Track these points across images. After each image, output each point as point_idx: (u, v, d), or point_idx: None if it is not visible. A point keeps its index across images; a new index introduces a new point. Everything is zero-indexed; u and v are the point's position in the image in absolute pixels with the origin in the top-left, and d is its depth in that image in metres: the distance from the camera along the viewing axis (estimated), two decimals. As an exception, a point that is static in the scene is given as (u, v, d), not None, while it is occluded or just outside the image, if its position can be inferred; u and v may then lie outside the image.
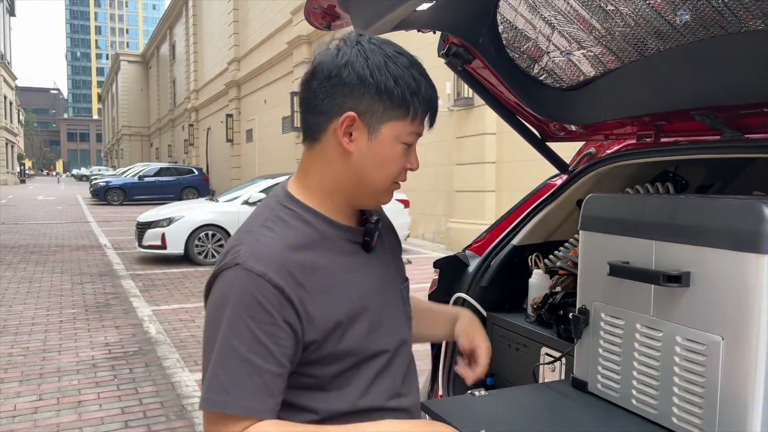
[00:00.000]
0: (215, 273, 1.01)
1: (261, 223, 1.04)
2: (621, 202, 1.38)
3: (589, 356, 1.35)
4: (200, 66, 32.36)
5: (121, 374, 4.55)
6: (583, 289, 1.38)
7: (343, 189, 1.07)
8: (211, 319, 0.99)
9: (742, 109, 1.60)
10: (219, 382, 0.95)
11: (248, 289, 0.96)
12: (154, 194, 23.51)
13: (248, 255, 0.98)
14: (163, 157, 45.02)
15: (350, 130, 1.02)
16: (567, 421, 1.28)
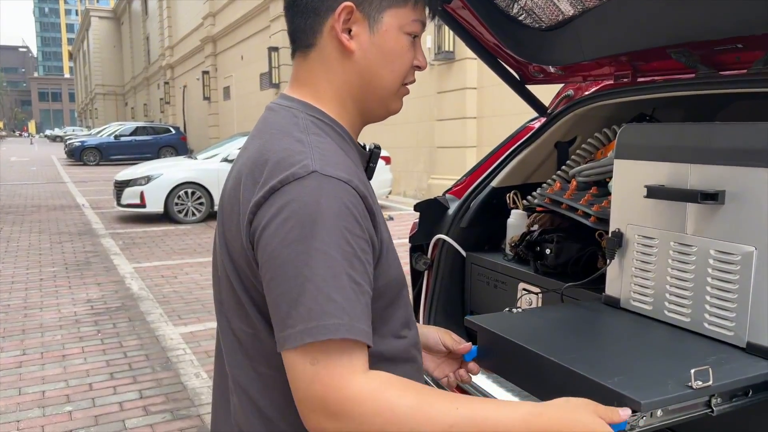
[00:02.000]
0: (273, 187, 0.82)
1: (303, 131, 0.89)
2: (656, 130, 1.47)
3: (622, 275, 1.44)
4: (174, 21, 31.46)
5: (105, 329, 4.57)
6: (617, 213, 1.47)
7: (353, 96, 0.94)
8: (296, 239, 0.79)
9: (716, 45, 1.62)
10: (332, 303, 0.77)
11: (338, 197, 0.81)
12: (131, 154, 23.12)
13: (321, 161, 0.83)
14: (138, 116, 44.12)
15: (349, 25, 0.90)
16: (604, 330, 1.38)
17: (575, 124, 2.13)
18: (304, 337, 0.76)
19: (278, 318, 0.80)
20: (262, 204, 0.82)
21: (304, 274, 0.78)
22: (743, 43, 1.57)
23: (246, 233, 0.85)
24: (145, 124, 27.47)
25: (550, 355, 1.11)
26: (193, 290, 5.64)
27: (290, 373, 0.79)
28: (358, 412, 0.76)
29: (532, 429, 0.80)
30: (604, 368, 1.04)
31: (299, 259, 0.78)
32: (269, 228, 0.81)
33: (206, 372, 3.70)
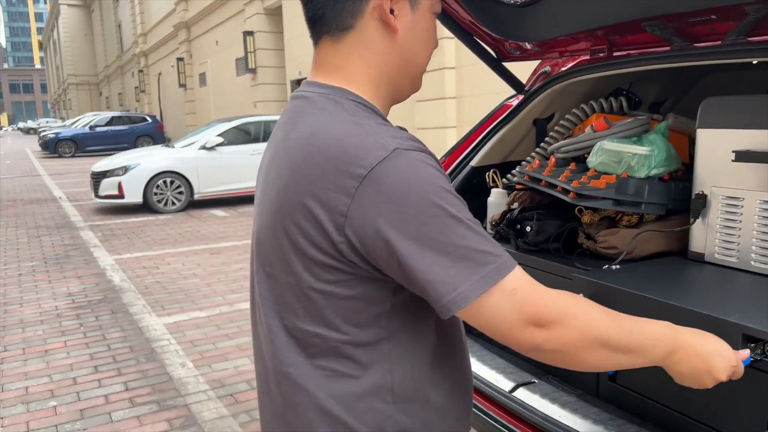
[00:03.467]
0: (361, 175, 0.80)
1: (355, 116, 0.87)
2: (738, 101, 1.57)
3: (707, 232, 1.56)
4: (146, 8, 30.84)
5: (87, 322, 4.52)
6: (701, 177, 1.58)
7: (390, 78, 0.94)
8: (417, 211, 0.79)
9: (690, 17, 1.62)
10: (490, 243, 0.82)
11: (428, 163, 0.82)
12: (108, 144, 22.77)
13: (395, 139, 0.83)
14: (113, 105, 43.39)
15: (392, 5, 0.90)
16: (698, 280, 1.50)
17: (553, 100, 2.12)
18: (489, 282, 0.80)
19: (435, 287, 0.80)
20: (354, 194, 0.80)
21: (444, 240, 0.80)
22: (717, 14, 1.57)
23: (339, 228, 0.82)
24: (121, 113, 27.00)
25: (668, 299, 1.27)
26: (175, 280, 5.60)
27: (490, 315, 0.82)
28: (566, 315, 0.84)
29: (678, 337, 0.93)
30: (719, 308, 1.19)
31: (432, 230, 0.79)
32: (382, 217, 0.79)
33: (191, 361, 3.69)
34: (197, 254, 6.62)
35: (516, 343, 0.84)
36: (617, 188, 1.58)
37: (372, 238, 0.80)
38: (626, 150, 1.60)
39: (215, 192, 9.79)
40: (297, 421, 0.92)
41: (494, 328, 0.83)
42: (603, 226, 1.66)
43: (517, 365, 1.76)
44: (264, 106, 17.11)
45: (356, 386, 0.87)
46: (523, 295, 0.82)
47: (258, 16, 17.01)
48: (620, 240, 1.59)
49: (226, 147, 9.77)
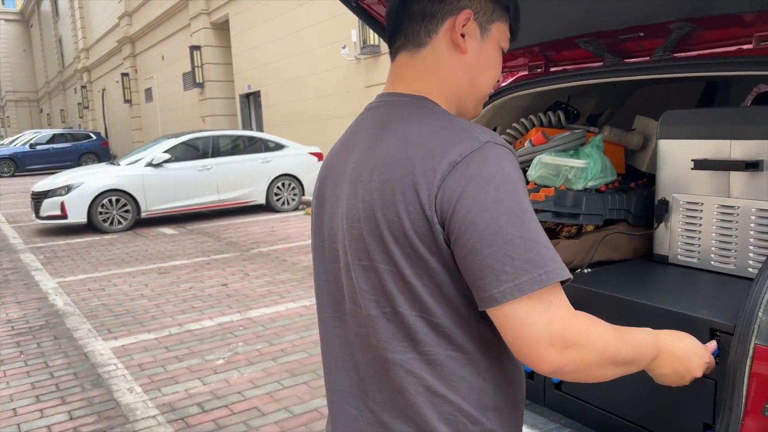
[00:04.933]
0: (454, 161, 0.87)
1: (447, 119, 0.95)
2: (695, 114, 1.71)
3: (669, 235, 1.67)
4: (88, 22, 30.07)
5: (28, 350, 4.33)
6: (663, 184, 1.69)
7: (458, 95, 1.02)
8: (499, 201, 0.85)
9: (620, 34, 1.68)
10: (549, 250, 0.86)
11: (513, 162, 0.90)
12: (50, 163, 22.01)
13: (487, 135, 0.90)
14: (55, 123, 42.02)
15: (464, 30, 0.99)
16: (663, 280, 1.60)
17: (495, 114, 2.17)
18: (533, 285, 0.83)
19: (491, 275, 0.84)
20: (446, 177, 0.87)
21: (514, 231, 0.84)
22: (644, 32, 1.64)
23: (432, 207, 0.88)
24: (63, 130, 26.16)
25: (642, 299, 1.37)
26: (122, 302, 5.44)
27: (521, 319, 0.85)
28: (588, 338, 0.87)
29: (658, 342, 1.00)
30: (687, 305, 1.30)
31: (503, 220, 0.84)
32: (464, 198, 0.86)
33: (140, 386, 3.58)
34: (145, 274, 6.45)
35: (536, 360, 0.86)
36: (556, 200, 1.62)
37: (450, 215, 0.87)
38: (563, 163, 1.65)
39: (163, 209, 9.58)
40: (406, 405, 0.96)
41: (520, 337, 0.86)
42: (544, 237, 1.70)
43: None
44: (213, 120, 16.89)
45: (458, 367, 0.94)
46: (557, 312, 0.85)
47: (205, 30, 16.82)
48: (561, 251, 1.63)
49: (173, 163, 9.59)
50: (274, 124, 14.38)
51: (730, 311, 1.21)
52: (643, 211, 1.74)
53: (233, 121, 16.90)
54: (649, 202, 1.72)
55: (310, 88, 12.85)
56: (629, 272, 1.64)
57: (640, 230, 1.72)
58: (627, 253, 1.72)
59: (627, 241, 1.71)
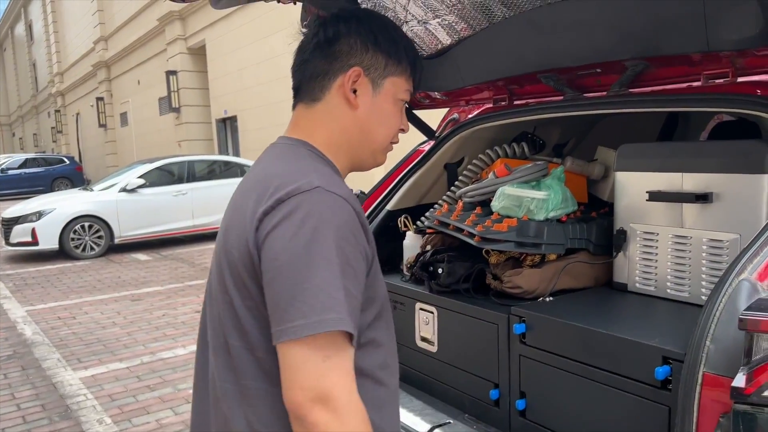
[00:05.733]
0: (281, 198, 0.91)
1: (306, 159, 1.01)
2: (650, 148, 1.78)
3: (628, 264, 1.72)
4: (63, 47, 29.87)
5: (-5, 381, 4.24)
6: (621, 215, 1.75)
7: (349, 147, 1.07)
8: (303, 243, 0.88)
9: (579, 70, 1.76)
10: (333, 300, 0.86)
11: (338, 212, 0.91)
12: (22, 188, 21.62)
13: (324, 180, 0.94)
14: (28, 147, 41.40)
15: (355, 86, 1.04)
16: (621, 309, 1.65)
17: (462, 145, 2.23)
18: (305, 330, 0.85)
19: (278, 312, 0.88)
20: (269, 212, 0.92)
21: (304, 274, 0.87)
22: (601, 68, 1.72)
23: (253, 240, 0.92)
24: (36, 155, 25.81)
25: (598, 328, 1.42)
26: (93, 330, 5.35)
27: (294, 363, 0.86)
28: (351, 411, 0.87)
29: None
30: (641, 333, 1.35)
31: (300, 262, 0.87)
32: (275, 232, 0.90)
33: (110, 417, 3.52)
34: (117, 301, 6.36)
35: (295, 407, 0.86)
36: (518, 231, 1.67)
37: (261, 248, 0.91)
38: (525, 195, 1.70)
39: (137, 235, 9.47)
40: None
41: (288, 379, 0.87)
42: (509, 266, 1.74)
43: (433, 406, 1.80)
44: (188, 145, 16.81)
45: (277, 404, 0.92)
46: (332, 370, 0.86)
47: (181, 55, 16.82)
48: (524, 280, 1.68)
49: (148, 188, 9.50)
50: (251, 149, 14.37)
51: (682, 339, 1.25)
52: (603, 240, 1.79)
53: (210, 146, 16.84)
54: (609, 231, 1.77)
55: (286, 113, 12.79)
56: (589, 300, 1.69)
57: (601, 259, 1.78)
58: (588, 281, 1.77)
59: (588, 269, 1.76)
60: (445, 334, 1.83)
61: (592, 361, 1.42)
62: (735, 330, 1.06)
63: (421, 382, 1.93)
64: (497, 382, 1.65)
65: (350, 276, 0.90)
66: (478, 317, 1.70)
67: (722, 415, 1.06)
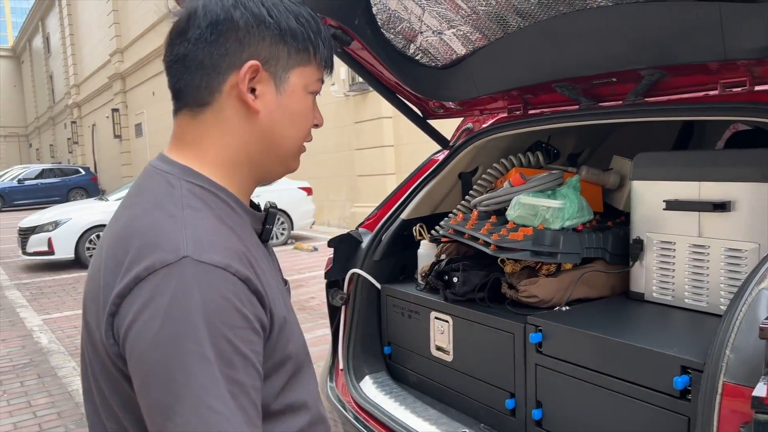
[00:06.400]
0: (138, 276, 0.73)
1: (177, 204, 0.79)
2: (666, 157, 1.77)
3: (644, 273, 1.70)
4: (79, 59, 30.32)
5: (11, 389, 4.27)
6: (637, 224, 1.73)
7: (251, 159, 0.87)
8: (168, 341, 0.70)
9: (594, 79, 1.76)
10: (214, 414, 0.69)
11: (214, 288, 0.72)
12: (38, 198, 21.90)
13: (195, 244, 0.74)
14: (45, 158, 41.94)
15: (253, 84, 0.83)
16: (639, 318, 1.64)
17: (476, 155, 2.23)
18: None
19: (152, 425, 0.72)
20: (126, 295, 0.73)
21: (178, 380, 0.69)
22: (617, 78, 1.72)
23: (107, 327, 0.75)
24: (52, 165, 26.15)
25: (615, 337, 1.41)
26: (108, 339, 5.38)
27: None
28: None
29: None
30: (660, 342, 1.34)
31: (172, 363, 0.70)
32: (135, 325, 0.71)
33: (124, 425, 3.53)
34: (132, 311, 6.40)
35: None
36: (534, 240, 1.67)
37: (123, 341, 0.73)
38: (541, 204, 1.70)
39: (152, 245, 9.54)
40: None
41: None
42: (524, 275, 1.74)
43: (448, 415, 1.80)
44: (203, 156, 16.92)
45: None
46: None
47: (196, 67, 17.00)
48: (540, 289, 1.67)
49: (162, 199, 9.58)
50: (264, 159, 14.47)
51: (701, 348, 1.24)
52: (619, 250, 1.78)
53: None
54: (625, 240, 1.76)
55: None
56: (605, 310, 1.68)
57: (617, 268, 1.77)
58: (604, 290, 1.76)
59: (604, 279, 1.75)
60: (461, 343, 1.83)
61: (609, 370, 1.41)
62: (755, 339, 1.05)
63: (436, 391, 1.93)
64: (513, 391, 1.65)
65: (240, 366, 0.72)
66: (493, 326, 1.70)
67: (743, 425, 1.05)
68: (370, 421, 1.86)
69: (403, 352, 2.09)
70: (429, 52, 2.00)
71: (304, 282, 7.15)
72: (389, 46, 1.98)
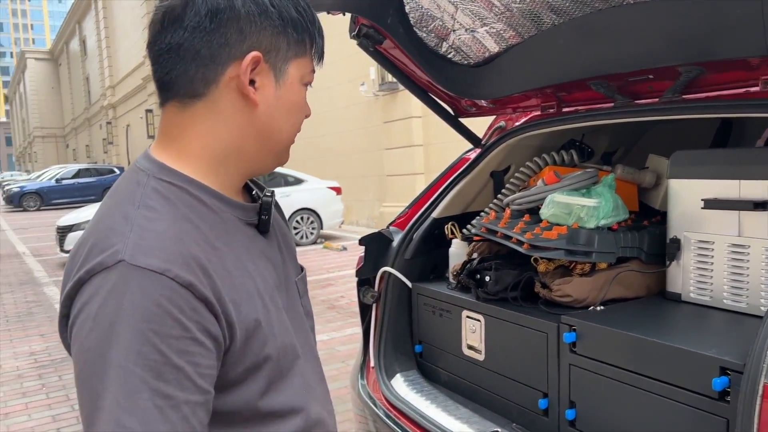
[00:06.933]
0: (81, 279, 0.72)
1: (135, 203, 0.77)
2: (704, 155, 1.74)
3: (682, 273, 1.67)
4: (115, 61, 31.00)
5: (50, 382, 4.39)
6: (674, 223, 1.70)
7: (242, 152, 0.84)
8: (93, 346, 0.69)
9: (630, 76, 1.73)
10: (122, 428, 0.67)
11: (147, 295, 0.69)
12: (75, 197, 22.45)
13: (135, 247, 0.71)
14: (81, 158, 42.99)
15: (253, 75, 0.80)
16: (676, 318, 1.61)
17: (508, 153, 2.22)
18: None
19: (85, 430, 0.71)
20: (73, 297, 0.73)
21: (97, 389, 0.68)
22: (654, 74, 1.69)
23: (62, 330, 0.77)
24: (88, 165, 26.79)
25: (652, 337, 1.38)
26: (142, 335, 5.49)
27: None
28: None
29: None
30: (697, 343, 1.31)
31: (93, 372, 0.69)
32: (73, 329, 0.72)
33: (159, 420, 3.60)
34: (165, 308, 6.52)
35: None
36: (568, 239, 1.65)
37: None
38: (575, 202, 1.69)
39: (184, 243, 9.69)
40: None
41: None
42: (558, 275, 1.73)
43: (480, 414, 1.79)
44: (234, 156, 17.15)
45: None
46: None
47: (227, 68, 17.23)
48: (574, 288, 1.66)
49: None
50: (294, 159, 14.46)
51: (740, 350, 1.22)
52: (655, 249, 1.75)
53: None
54: (662, 240, 1.74)
55: (329, 123, 13.06)
56: (641, 310, 1.65)
57: (653, 268, 1.74)
58: (640, 290, 1.73)
59: (640, 278, 1.73)
60: (493, 343, 1.82)
61: (645, 371, 1.39)
62: (798, 340, 1.03)
63: (468, 390, 1.93)
64: (546, 391, 1.64)
65: (172, 379, 0.69)
66: (526, 326, 1.69)
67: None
68: (401, 418, 1.86)
69: (435, 351, 2.09)
70: (461, 50, 2.00)
71: (334, 281, 7.19)
72: (421, 45, 1.98)
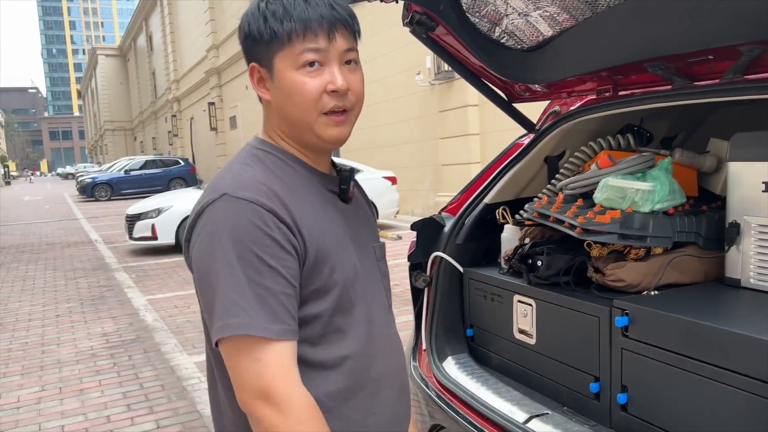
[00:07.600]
0: (199, 211, 1.00)
1: (239, 162, 1.07)
2: (766, 136, 1.66)
3: (741, 258, 1.63)
4: (179, 56, 32.01)
5: (121, 362, 4.64)
6: (734, 207, 1.65)
7: (284, 132, 1.10)
8: (207, 253, 0.97)
9: (689, 57, 1.69)
10: (236, 305, 0.93)
11: (244, 216, 0.95)
12: (142, 187, 23.40)
13: (234, 185, 0.99)
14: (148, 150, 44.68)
15: (259, 79, 1.08)
16: (734, 304, 1.57)
17: (563, 138, 2.19)
18: (217, 334, 0.95)
19: (208, 317, 0.98)
20: (194, 226, 1.01)
21: (211, 281, 0.96)
22: (714, 55, 1.64)
23: (186, 254, 1.05)
24: (155, 157, 27.81)
25: (705, 321, 1.35)
26: (206, 319, 5.70)
27: (230, 365, 0.97)
28: (293, 404, 0.93)
29: None
30: (757, 328, 1.28)
31: (207, 269, 0.97)
32: (194, 247, 1.01)
33: (221, 399, 3.75)
34: (227, 293, 6.73)
35: (243, 405, 0.96)
36: (622, 223, 1.63)
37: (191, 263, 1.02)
38: (630, 186, 1.66)
39: (245, 232, 9.95)
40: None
41: (232, 377, 0.97)
42: (611, 259, 1.71)
43: (531, 397, 1.80)
44: (292, 146, 17.42)
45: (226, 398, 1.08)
46: (266, 370, 0.93)
47: (285, 60, 17.49)
48: (628, 273, 1.64)
49: (255, 188, 9.96)
50: (351, 149, 14.73)
51: None
52: (714, 234, 1.71)
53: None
54: (721, 224, 1.69)
55: (384, 114, 13.11)
56: (697, 295, 1.62)
57: (711, 253, 1.70)
58: (697, 276, 1.70)
59: (697, 264, 1.69)
60: (544, 327, 1.82)
61: (700, 356, 1.36)
62: None
63: (519, 374, 1.94)
64: (597, 375, 1.63)
65: (267, 274, 0.94)
66: (578, 310, 1.68)
67: None
68: (453, 400, 1.89)
69: (486, 335, 2.10)
70: (515, 35, 1.99)
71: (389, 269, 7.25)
72: (474, 30, 1.98)
